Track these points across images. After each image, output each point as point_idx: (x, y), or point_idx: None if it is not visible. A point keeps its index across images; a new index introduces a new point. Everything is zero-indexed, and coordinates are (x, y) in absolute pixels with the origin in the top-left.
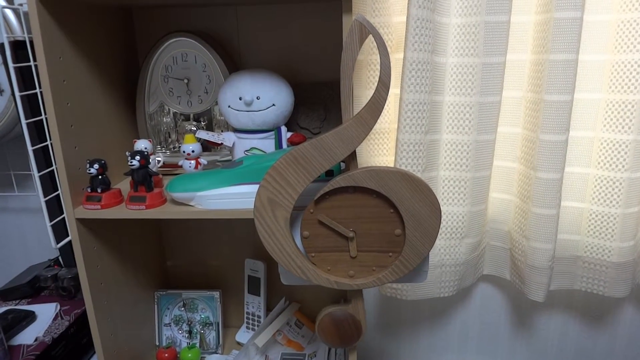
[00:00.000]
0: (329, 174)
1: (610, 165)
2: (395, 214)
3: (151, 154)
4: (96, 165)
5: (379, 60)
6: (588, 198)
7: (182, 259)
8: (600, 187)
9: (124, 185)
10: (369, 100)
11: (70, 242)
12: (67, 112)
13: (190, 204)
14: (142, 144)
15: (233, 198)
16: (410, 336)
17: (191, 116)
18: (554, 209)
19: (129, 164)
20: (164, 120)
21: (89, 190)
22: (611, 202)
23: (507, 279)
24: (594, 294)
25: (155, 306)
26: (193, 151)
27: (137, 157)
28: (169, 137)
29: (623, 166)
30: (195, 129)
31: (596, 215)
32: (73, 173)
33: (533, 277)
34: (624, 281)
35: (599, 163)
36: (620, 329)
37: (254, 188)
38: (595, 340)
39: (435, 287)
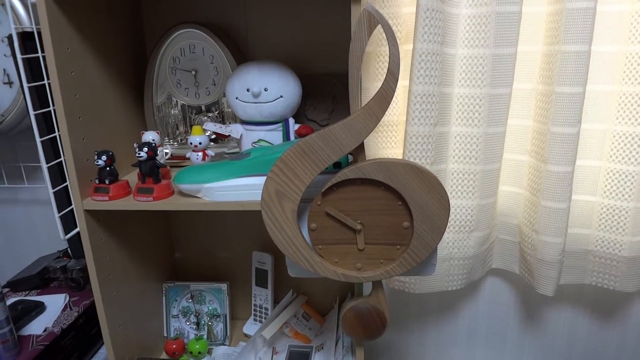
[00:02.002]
0: (337, 166)
1: (623, 158)
2: (404, 207)
3: (159, 146)
4: (104, 157)
5: (387, 52)
6: (599, 191)
7: (190, 251)
8: (612, 181)
9: (132, 177)
10: (378, 91)
11: (78, 233)
12: (75, 103)
13: (198, 195)
14: (149, 136)
15: (240, 190)
16: (417, 330)
17: (202, 108)
18: (565, 202)
19: (137, 155)
20: (172, 112)
21: (97, 181)
22: (623, 195)
23: (517, 273)
24: (604, 288)
25: (164, 298)
26: (200, 143)
27: (145, 149)
28: (177, 129)
29: (636, 159)
30: (209, 120)
31: (607, 209)
32: (81, 164)
33: (543, 271)
34: (635, 276)
35: (610, 156)
36: (631, 324)
37: (262, 180)
38: (605, 336)
39: (443, 280)
